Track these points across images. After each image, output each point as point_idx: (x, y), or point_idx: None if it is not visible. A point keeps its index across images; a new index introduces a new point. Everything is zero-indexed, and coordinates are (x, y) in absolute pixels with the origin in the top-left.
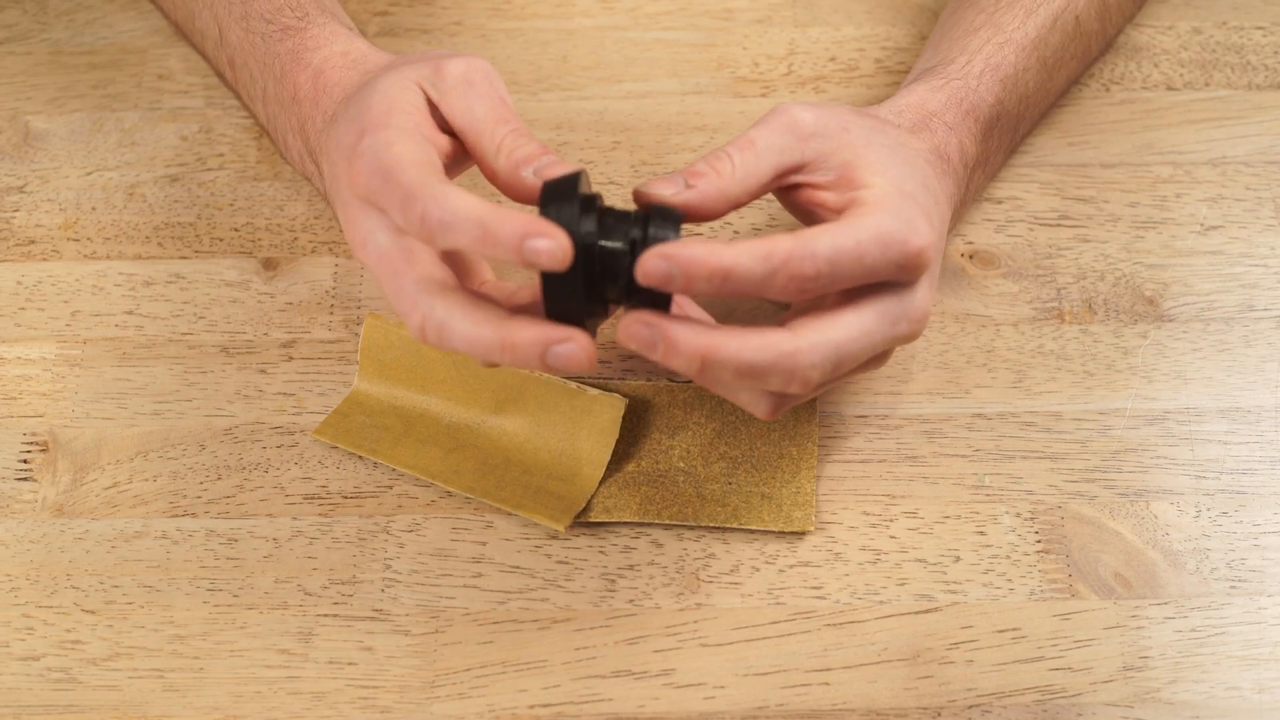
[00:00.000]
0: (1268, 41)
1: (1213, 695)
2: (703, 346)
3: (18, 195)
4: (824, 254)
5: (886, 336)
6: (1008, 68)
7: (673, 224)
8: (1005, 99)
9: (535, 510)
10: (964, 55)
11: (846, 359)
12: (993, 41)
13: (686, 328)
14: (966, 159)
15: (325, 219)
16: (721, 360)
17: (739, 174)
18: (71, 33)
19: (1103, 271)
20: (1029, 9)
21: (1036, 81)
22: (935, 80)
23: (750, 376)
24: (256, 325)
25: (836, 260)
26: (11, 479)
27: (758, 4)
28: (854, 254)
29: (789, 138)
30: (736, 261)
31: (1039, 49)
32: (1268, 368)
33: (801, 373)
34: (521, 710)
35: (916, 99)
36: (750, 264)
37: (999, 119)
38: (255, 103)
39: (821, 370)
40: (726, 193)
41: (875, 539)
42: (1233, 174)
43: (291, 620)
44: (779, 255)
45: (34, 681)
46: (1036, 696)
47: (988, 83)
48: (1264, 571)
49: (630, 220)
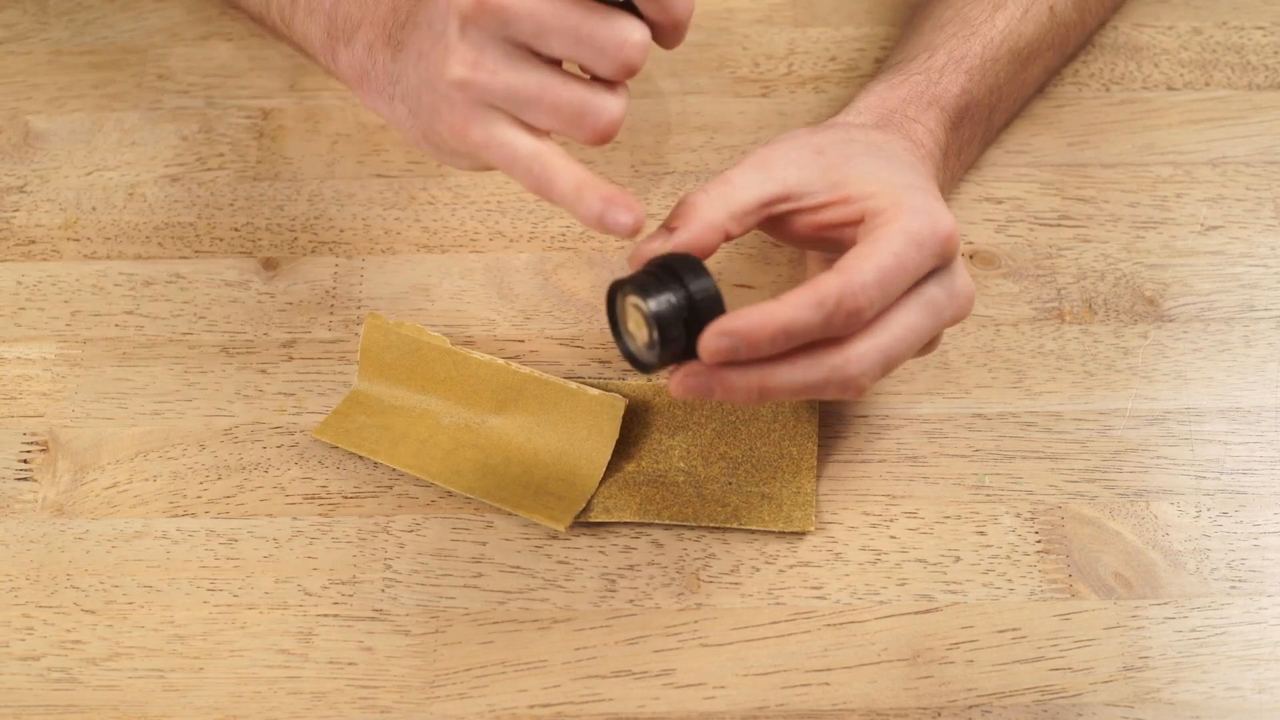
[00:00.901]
0: (1268, 41)
1: (1213, 695)
2: (756, 380)
3: (18, 195)
4: (872, 280)
5: (934, 325)
6: (973, 59)
7: (702, 271)
8: (972, 89)
9: (535, 510)
10: (927, 51)
11: (895, 358)
12: (958, 35)
13: (734, 371)
14: (939, 143)
15: (325, 219)
16: (776, 388)
17: (718, 203)
18: (71, 33)
19: (1103, 271)
20: (997, 3)
21: (1008, 72)
22: (895, 77)
23: (806, 394)
24: (256, 325)
25: (885, 281)
26: (11, 479)
27: (758, 4)
28: (897, 268)
29: (763, 172)
30: (793, 317)
31: (1009, 40)
32: (1268, 368)
33: (855, 381)
34: (521, 710)
35: (876, 98)
36: (806, 315)
37: (968, 109)
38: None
39: (873, 375)
40: (712, 221)
41: (875, 539)
42: (1233, 174)
43: (291, 620)
44: (831, 296)
45: (34, 681)
46: (1036, 696)
47: (951, 74)
48: (1264, 571)
49: (660, 280)
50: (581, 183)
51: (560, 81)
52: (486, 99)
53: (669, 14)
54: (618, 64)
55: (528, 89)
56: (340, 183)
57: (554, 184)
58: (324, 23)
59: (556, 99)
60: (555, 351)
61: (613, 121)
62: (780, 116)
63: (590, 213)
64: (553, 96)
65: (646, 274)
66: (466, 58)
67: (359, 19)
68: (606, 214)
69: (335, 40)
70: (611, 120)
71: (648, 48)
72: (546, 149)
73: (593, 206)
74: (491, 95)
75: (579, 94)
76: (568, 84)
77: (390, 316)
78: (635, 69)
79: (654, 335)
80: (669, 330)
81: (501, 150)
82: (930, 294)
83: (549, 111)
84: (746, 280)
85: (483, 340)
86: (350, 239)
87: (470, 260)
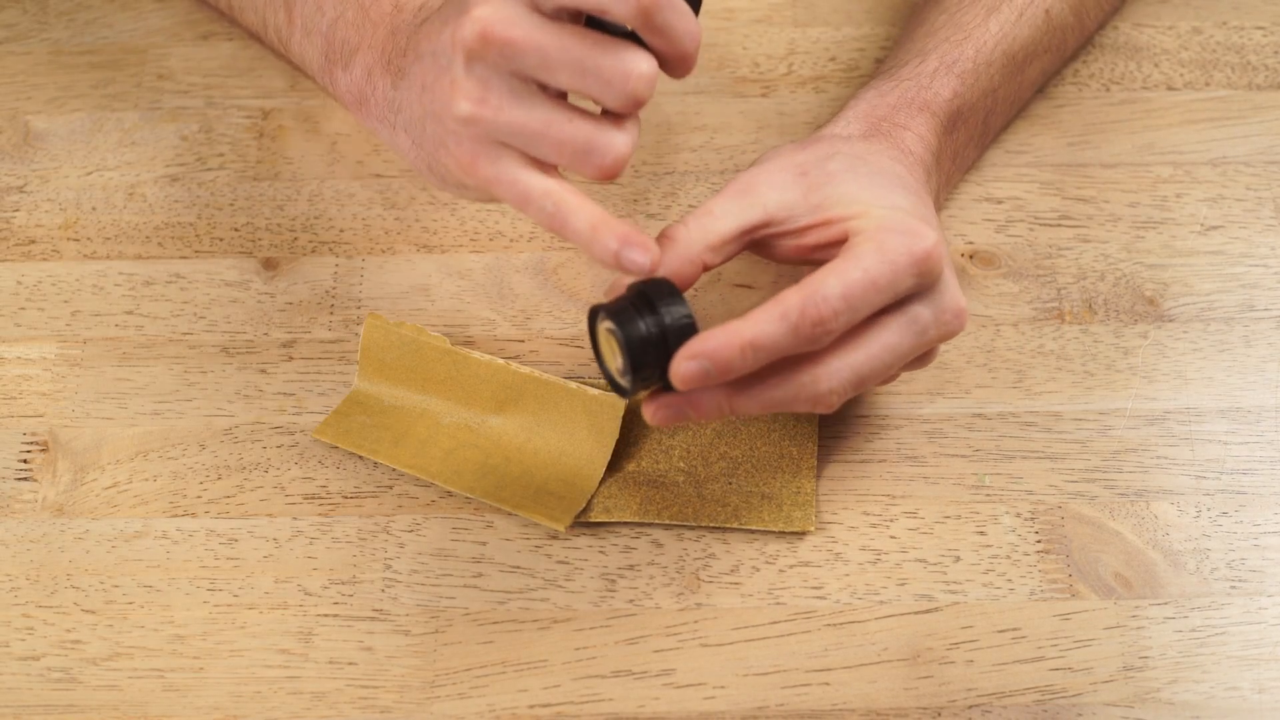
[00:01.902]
0: (1268, 41)
1: (1213, 695)
2: (724, 399)
3: (18, 195)
4: (834, 293)
5: (915, 344)
6: (965, 63)
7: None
8: (965, 93)
9: (535, 510)
10: (918, 57)
11: (868, 376)
12: (950, 40)
13: (704, 392)
14: (930, 149)
15: (325, 219)
16: (746, 403)
17: (695, 235)
18: (71, 33)
19: (1103, 271)
20: (991, 6)
21: (1003, 75)
22: (885, 84)
23: (777, 408)
24: (256, 325)
25: (850, 295)
26: (11, 479)
27: (758, 4)
28: (864, 283)
29: (745, 199)
30: (757, 330)
31: (1003, 43)
32: (1268, 368)
33: (824, 397)
34: (521, 710)
35: (865, 106)
36: (770, 327)
37: (960, 113)
38: (312, 36)
39: (842, 392)
40: (688, 255)
41: (875, 539)
42: (1233, 174)
43: (291, 620)
44: (793, 308)
45: (34, 681)
46: (1036, 696)
47: (943, 79)
48: (1264, 571)
49: (635, 307)
50: (597, 222)
51: (566, 117)
52: (493, 135)
53: (675, 46)
54: (624, 96)
55: (533, 124)
56: (340, 183)
57: (568, 222)
58: (321, 45)
59: (561, 135)
60: (555, 351)
61: (619, 159)
62: (780, 116)
63: (607, 251)
64: (558, 132)
65: (622, 301)
66: (472, 93)
67: (356, 43)
68: (623, 253)
69: (333, 64)
70: (617, 157)
71: (654, 79)
72: (559, 186)
73: (609, 245)
74: (498, 131)
75: (585, 130)
76: (574, 120)
77: (390, 316)
78: (642, 101)
79: (627, 362)
80: (641, 357)
81: (513, 188)
82: (914, 312)
83: (554, 148)
84: (747, 280)
85: (483, 340)
86: (350, 239)
87: (470, 260)
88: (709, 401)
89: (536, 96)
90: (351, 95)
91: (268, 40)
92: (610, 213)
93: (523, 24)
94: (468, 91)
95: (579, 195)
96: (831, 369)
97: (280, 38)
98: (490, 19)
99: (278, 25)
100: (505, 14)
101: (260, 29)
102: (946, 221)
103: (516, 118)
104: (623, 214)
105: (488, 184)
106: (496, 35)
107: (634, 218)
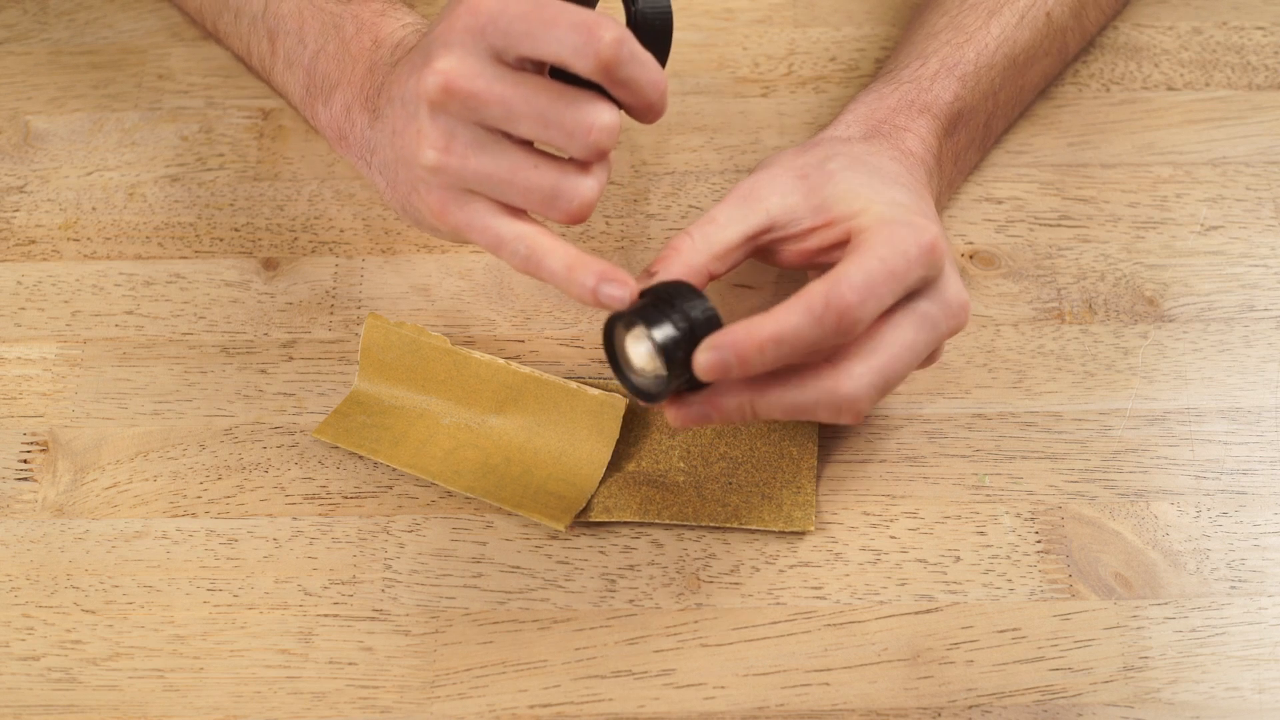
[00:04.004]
0: (1268, 41)
1: (1213, 695)
2: (748, 399)
3: (18, 195)
4: (858, 281)
5: (929, 339)
6: (966, 65)
7: (697, 294)
8: (966, 95)
9: (535, 510)
10: (919, 59)
11: (893, 377)
12: (951, 43)
13: (727, 394)
14: (931, 150)
15: (325, 219)
16: (768, 406)
17: (700, 245)
18: (71, 33)
19: (1103, 271)
20: (992, 9)
21: (1005, 78)
22: (885, 87)
23: (800, 414)
24: (256, 325)
25: (873, 283)
26: (11, 479)
27: (758, 4)
28: (884, 271)
29: (747, 205)
30: (781, 323)
31: (1004, 46)
32: (1268, 368)
33: (849, 404)
34: (521, 710)
35: (865, 108)
36: (795, 319)
37: (961, 115)
38: (294, 68)
39: (870, 397)
40: (693, 265)
41: (875, 539)
42: (1233, 174)
43: (291, 620)
44: (818, 298)
45: (34, 681)
46: (1036, 697)
47: (944, 81)
48: (1264, 571)
49: (659, 310)
50: (572, 261)
51: (532, 164)
52: (460, 183)
53: (639, 97)
54: (587, 147)
55: (499, 172)
56: (340, 183)
57: (543, 264)
58: (302, 78)
59: (528, 182)
60: (555, 351)
61: (585, 204)
62: (780, 116)
63: (584, 289)
64: (524, 180)
65: (645, 305)
66: (437, 142)
67: (336, 78)
68: (601, 289)
69: (314, 98)
70: (584, 202)
71: (617, 130)
72: (531, 230)
73: (586, 283)
74: (464, 179)
75: (550, 176)
76: (539, 166)
77: (390, 316)
78: (604, 152)
79: (661, 364)
80: (673, 353)
81: (484, 234)
82: (922, 308)
83: (521, 194)
84: (747, 281)
85: (483, 340)
86: (350, 239)
87: (470, 260)
88: (731, 404)
89: (501, 144)
90: (332, 130)
91: (251, 66)
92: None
93: (484, 75)
94: (433, 141)
95: (552, 236)
96: (854, 372)
97: (263, 66)
98: (452, 72)
99: (261, 54)
100: (467, 67)
101: (245, 54)
102: (947, 222)
103: (482, 166)
104: (623, 214)
105: (459, 230)
106: (459, 88)
107: (634, 217)
